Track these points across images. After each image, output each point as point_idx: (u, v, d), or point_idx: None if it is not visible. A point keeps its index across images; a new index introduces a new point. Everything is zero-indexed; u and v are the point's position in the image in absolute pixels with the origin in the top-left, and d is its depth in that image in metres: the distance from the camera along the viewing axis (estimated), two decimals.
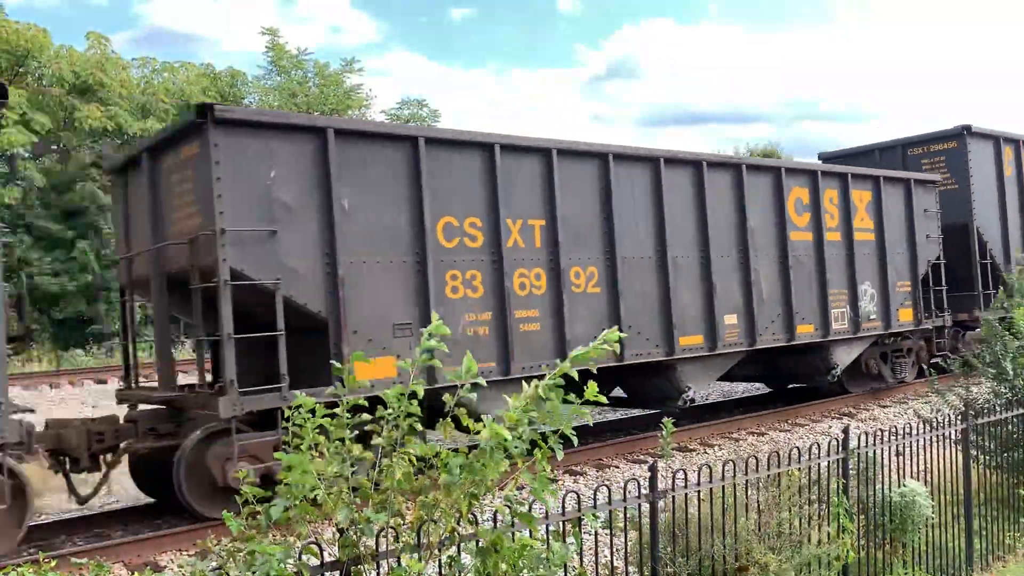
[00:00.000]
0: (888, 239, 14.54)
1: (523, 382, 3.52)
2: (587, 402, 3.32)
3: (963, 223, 16.03)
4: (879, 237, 14.48)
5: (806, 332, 13.24)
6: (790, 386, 16.06)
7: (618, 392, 13.01)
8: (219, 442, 8.02)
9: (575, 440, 3.36)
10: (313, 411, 3.27)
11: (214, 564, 3.09)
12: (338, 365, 3.51)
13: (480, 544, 3.18)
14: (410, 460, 3.09)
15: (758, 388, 17.29)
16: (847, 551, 5.82)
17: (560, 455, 3.32)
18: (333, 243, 8.57)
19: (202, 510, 8.12)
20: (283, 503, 2.96)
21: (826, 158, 18.19)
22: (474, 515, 3.19)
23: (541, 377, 3.41)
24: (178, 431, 8.70)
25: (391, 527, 3.21)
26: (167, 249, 8.96)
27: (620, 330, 10.39)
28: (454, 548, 3.31)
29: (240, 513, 3.25)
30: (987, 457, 7.64)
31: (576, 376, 3.44)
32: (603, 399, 3.30)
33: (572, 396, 3.35)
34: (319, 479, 3.12)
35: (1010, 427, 7.60)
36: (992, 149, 16.11)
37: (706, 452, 11.40)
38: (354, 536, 3.06)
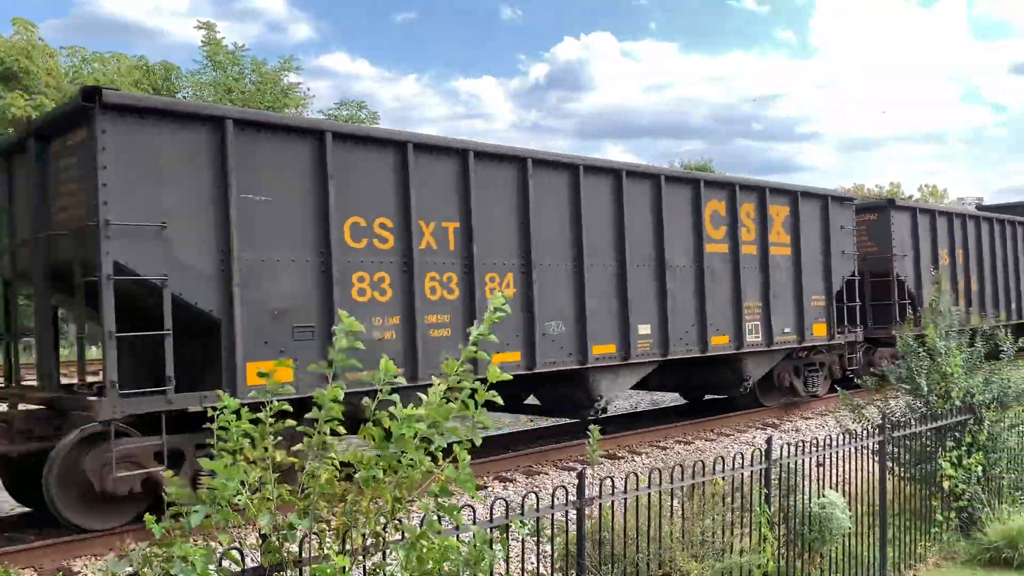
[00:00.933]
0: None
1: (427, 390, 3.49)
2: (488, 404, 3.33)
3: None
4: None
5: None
6: (706, 397, 16.42)
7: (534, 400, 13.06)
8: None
9: (478, 441, 3.36)
10: (238, 413, 3.21)
11: (129, 569, 3.00)
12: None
13: (405, 539, 3.14)
14: (334, 464, 3.05)
15: (678, 400, 17.52)
16: (768, 560, 5.96)
17: (478, 440, 3.30)
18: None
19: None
20: (204, 509, 2.89)
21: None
22: (400, 520, 3.16)
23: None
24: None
25: (315, 533, 3.17)
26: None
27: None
28: (379, 554, 3.28)
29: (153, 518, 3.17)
30: (902, 469, 7.90)
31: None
32: (499, 400, 3.31)
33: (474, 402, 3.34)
34: (242, 484, 3.07)
35: (924, 440, 7.88)
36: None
37: (634, 460, 11.53)
38: (277, 542, 3.01)
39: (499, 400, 3.46)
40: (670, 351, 12.49)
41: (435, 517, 3.32)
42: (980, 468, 7.98)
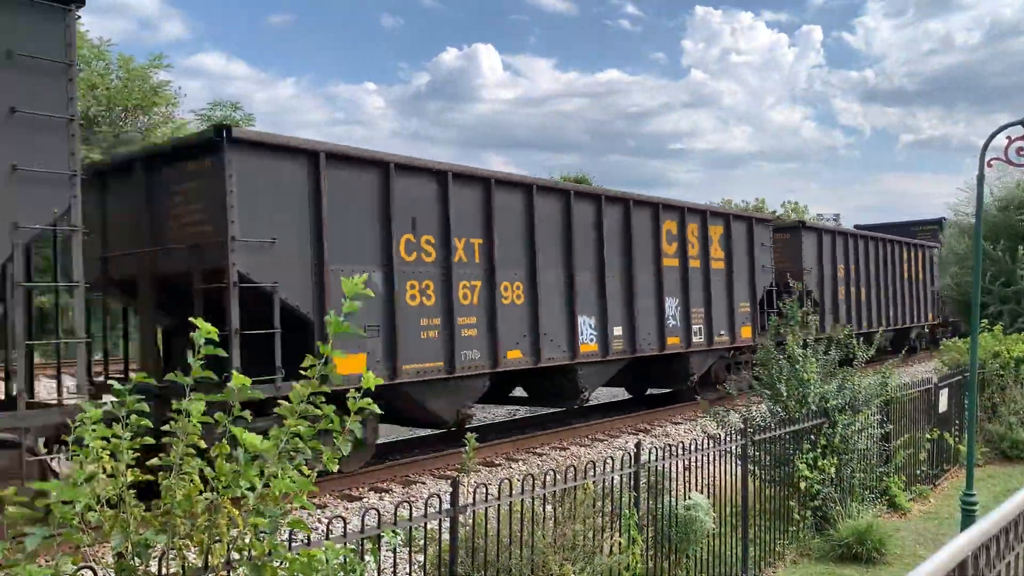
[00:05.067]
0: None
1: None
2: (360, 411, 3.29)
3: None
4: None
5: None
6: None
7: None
8: None
9: (346, 450, 3.30)
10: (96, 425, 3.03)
11: None
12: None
13: (251, 557, 3.04)
14: (192, 481, 2.93)
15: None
16: (636, 561, 6.11)
17: (346, 450, 3.26)
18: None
19: None
20: (42, 532, 2.71)
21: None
22: (263, 535, 3.07)
23: None
24: None
25: (176, 549, 3.03)
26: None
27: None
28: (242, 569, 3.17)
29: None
30: (763, 471, 8.26)
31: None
32: (377, 409, 3.27)
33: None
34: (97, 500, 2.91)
35: (782, 443, 8.27)
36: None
37: (511, 467, 11.63)
38: (132, 561, 2.87)
39: (375, 408, 3.41)
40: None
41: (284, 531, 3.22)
42: (833, 469, 8.45)
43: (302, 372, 3.31)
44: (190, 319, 3.30)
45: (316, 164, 10.00)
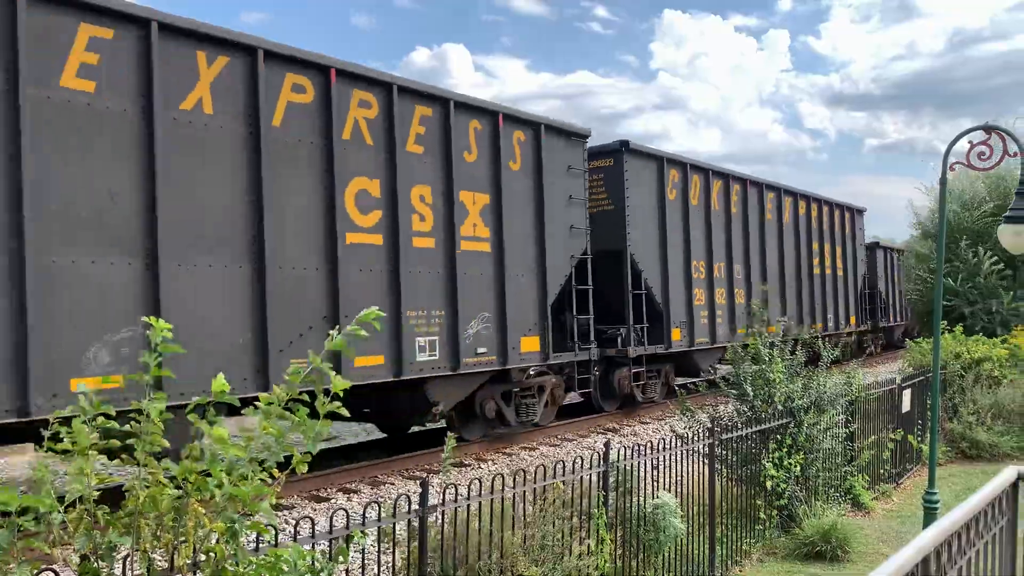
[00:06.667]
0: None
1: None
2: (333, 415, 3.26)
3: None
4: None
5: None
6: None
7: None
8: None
9: (314, 450, 3.27)
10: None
11: None
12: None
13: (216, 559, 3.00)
14: (159, 481, 2.89)
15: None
16: (605, 561, 6.14)
17: (314, 448, 3.22)
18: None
19: None
20: (4, 536, 2.66)
21: None
22: (226, 537, 3.03)
23: None
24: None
25: (141, 551, 2.99)
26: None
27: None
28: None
29: None
30: (729, 470, 8.34)
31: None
32: (345, 413, 3.24)
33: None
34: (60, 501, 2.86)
35: (749, 443, 8.36)
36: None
37: (480, 467, 11.62)
38: (95, 563, 2.83)
39: (344, 412, 3.38)
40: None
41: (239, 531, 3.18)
42: (799, 468, 8.55)
43: None
44: (143, 319, 3.26)
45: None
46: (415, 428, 13.76)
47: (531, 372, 13.23)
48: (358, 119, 10.17)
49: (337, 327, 3.59)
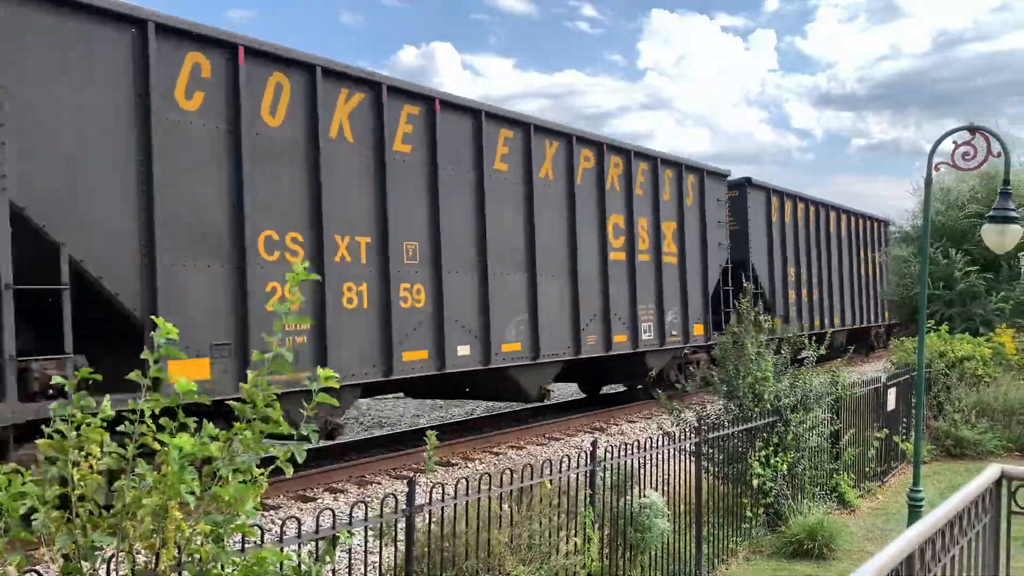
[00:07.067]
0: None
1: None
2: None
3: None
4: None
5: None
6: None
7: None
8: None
9: (301, 456, 3.26)
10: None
11: None
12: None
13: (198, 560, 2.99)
14: (142, 481, 2.87)
15: (512, 405, 17.76)
16: (592, 560, 6.13)
17: (301, 456, 3.21)
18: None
19: None
20: None
21: None
22: (219, 535, 3.02)
23: None
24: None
25: (125, 552, 2.97)
26: None
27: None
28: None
29: None
30: (716, 469, 8.36)
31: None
32: (334, 401, 3.22)
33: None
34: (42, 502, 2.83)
35: (736, 441, 8.38)
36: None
37: (467, 466, 11.60)
38: (78, 564, 2.80)
39: (334, 402, 3.38)
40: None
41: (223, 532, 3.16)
42: (785, 467, 8.58)
43: None
44: (152, 318, 3.24)
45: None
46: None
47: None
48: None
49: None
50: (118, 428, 3.09)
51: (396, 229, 10.76)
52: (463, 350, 11.80)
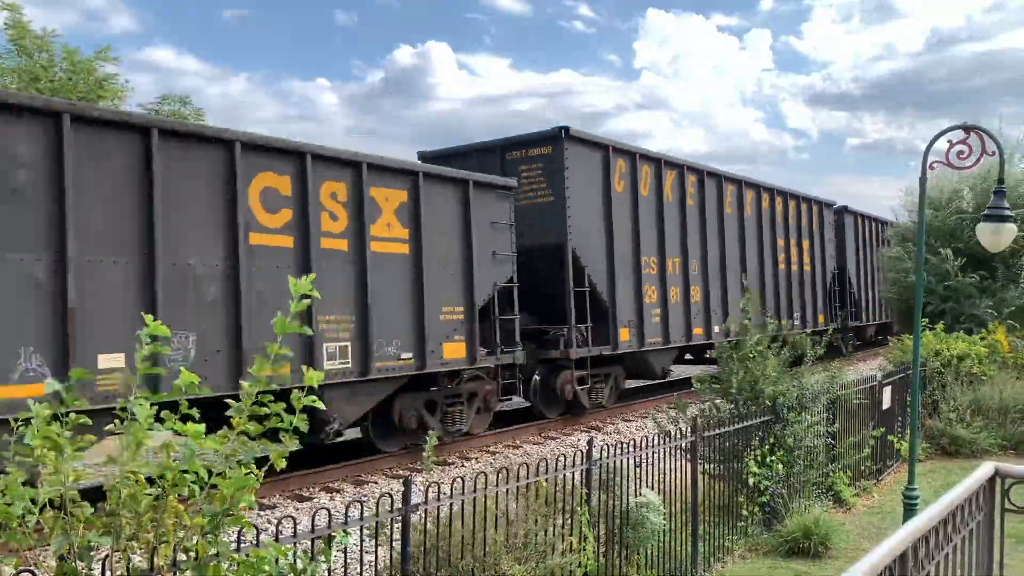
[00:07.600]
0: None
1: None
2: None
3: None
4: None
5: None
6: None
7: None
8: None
9: (292, 445, 3.27)
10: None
11: None
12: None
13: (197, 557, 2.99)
14: (138, 480, 2.87)
15: (511, 405, 17.76)
16: (588, 559, 6.14)
17: (293, 444, 3.21)
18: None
19: None
20: None
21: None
22: (208, 533, 3.01)
23: None
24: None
25: (120, 551, 2.97)
26: None
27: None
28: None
29: None
30: (712, 467, 8.36)
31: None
32: (321, 404, 3.24)
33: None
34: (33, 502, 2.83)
35: (732, 440, 8.39)
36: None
37: (463, 465, 11.61)
38: (74, 564, 2.80)
39: (320, 405, 3.39)
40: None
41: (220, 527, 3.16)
42: (781, 466, 8.59)
43: None
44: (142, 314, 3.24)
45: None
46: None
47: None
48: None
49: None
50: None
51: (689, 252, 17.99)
52: (655, 337, 16.43)
